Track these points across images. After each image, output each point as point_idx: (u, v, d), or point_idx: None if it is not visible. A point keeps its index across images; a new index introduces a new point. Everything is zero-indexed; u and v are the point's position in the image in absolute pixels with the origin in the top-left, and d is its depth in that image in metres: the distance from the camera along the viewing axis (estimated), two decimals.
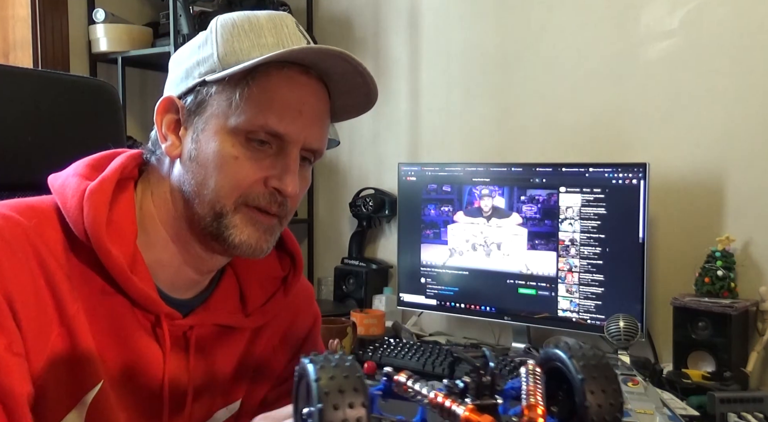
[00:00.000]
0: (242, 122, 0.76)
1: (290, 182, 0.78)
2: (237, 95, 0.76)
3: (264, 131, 0.76)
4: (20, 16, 2.30)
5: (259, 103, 0.76)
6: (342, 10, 2.46)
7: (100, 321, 0.74)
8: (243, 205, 0.77)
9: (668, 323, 1.66)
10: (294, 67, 0.78)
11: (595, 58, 1.94)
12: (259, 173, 0.77)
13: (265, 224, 0.79)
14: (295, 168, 0.78)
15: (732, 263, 1.65)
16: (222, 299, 0.86)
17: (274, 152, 0.78)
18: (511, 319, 1.87)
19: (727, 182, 1.74)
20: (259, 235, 0.78)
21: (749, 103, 1.71)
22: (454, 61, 2.20)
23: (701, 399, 1.42)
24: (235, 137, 0.76)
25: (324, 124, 0.82)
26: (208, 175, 0.77)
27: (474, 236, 1.92)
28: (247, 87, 0.76)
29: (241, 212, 0.77)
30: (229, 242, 0.77)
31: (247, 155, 0.76)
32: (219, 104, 0.77)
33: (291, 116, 0.77)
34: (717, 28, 1.75)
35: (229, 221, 0.77)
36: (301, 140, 0.78)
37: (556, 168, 1.80)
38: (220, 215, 0.77)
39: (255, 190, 0.77)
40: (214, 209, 0.77)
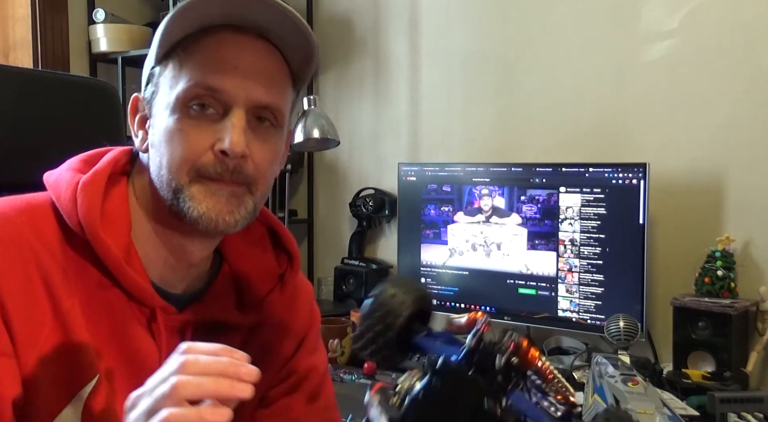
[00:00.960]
0: (179, 91, 0.75)
1: (233, 139, 0.73)
2: (175, 70, 0.76)
3: (199, 89, 0.74)
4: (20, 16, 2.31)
5: (192, 69, 0.75)
6: (342, 10, 2.46)
7: (96, 315, 0.74)
8: (197, 177, 0.75)
9: (668, 323, 1.66)
10: (226, 29, 0.76)
11: (595, 58, 1.94)
12: (206, 140, 0.75)
13: (226, 192, 0.76)
14: (239, 125, 0.75)
15: (732, 263, 1.65)
16: (218, 296, 0.85)
17: (219, 117, 0.75)
18: (511, 319, 1.87)
19: (727, 182, 1.74)
20: (221, 206, 0.75)
21: (749, 103, 1.71)
22: (454, 62, 2.20)
23: (701, 399, 1.42)
24: (177, 110, 0.75)
25: (270, 79, 0.78)
26: (161, 156, 0.76)
27: (474, 236, 1.92)
28: (180, 59, 0.76)
29: (196, 184, 0.75)
30: (189, 216, 0.75)
31: (191, 125, 0.75)
32: (163, 85, 0.77)
33: (225, 70, 0.75)
34: (717, 28, 1.75)
35: (186, 194, 0.75)
36: (241, 96, 0.75)
37: (556, 168, 1.80)
38: (177, 191, 0.75)
39: (204, 159, 0.74)
40: (171, 187, 0.75)
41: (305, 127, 1.99)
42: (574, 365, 1.68)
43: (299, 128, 2.00)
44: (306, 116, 2.00)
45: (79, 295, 0.73)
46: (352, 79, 2.45)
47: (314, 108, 2.02)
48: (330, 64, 2.50)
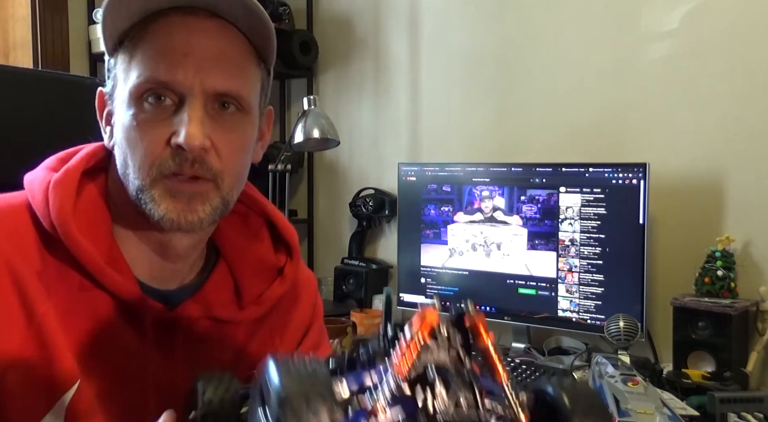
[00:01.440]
0: (131, 86, 0.71)
1: (187, 132, 0.69)
2: (125, 62, 0.72)
3: (150, 84, 0.70)
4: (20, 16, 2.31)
5: (141, 61, 0.71)
6: (342, 10, 2.46)
7: (78, 319, 0.71)
8: (159, 176, 0.71)
9: (668, 323, 1.66)
10: (174, 12, 0.72)
11: (595, 58, 1.94)
12: (162, 135, 0.71)
13: (187, 193, 0.72)
14: (194, 116, 0.70)
15: (732, 263, 1.65)
16: (214, 291, 0.82)
17: (175, 108, 0.71)
18: (511, 319, 1.87)
19: (727, 182, 1.74)
20: (182, 206, 0.72)
21: (749, 103, 1.71)
22: (454, 61, 2.20)
23: (701, 399, 1.42)
24: (132, 105, 0.71)
25: (227, 62, 0.73)
26: (124, 154, 0.73)
27: (474, 236, 1.92)
28: (129, 50, 0.72)
29: (158, 185, 0.72)
30: (152, 217, 0.72)
31: (146, 119, 0.71)
32: (119, 79, 0.74)
33: (175, 60, 0.70)
34: (717, 28, 1.75)
35: (147, 195, 0.72)
36: (195, 85, 0.71)
37: (556, 168, 1.80)
38: (140, 191, 0.72)
39: (163, 155, 0.71)
40: (135, 187, 0.73)
41: (305, 127, 1.99)
42: (574, 365, 1.68)
43: (299, 128, 2.00)
44: (306, 116, 2.00)
45: (58, 299, 0.70)
46: (352, 79, 2.45)
47: (314, 108, 2.02)
48: (330, 64, 2.50)
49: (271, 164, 2.17)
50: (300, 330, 0.93)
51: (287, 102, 2.62)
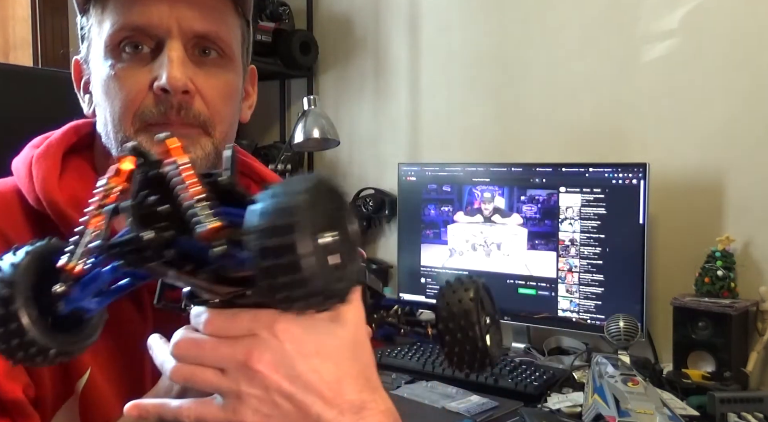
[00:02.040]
0: (106, 36, 0.69)
1: (168, 73, 0.67)
2: (98, 15, 0.71)
3: (126, 31, 0.68)
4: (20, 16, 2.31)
5: (114, 9, 0.69)
6: (342, 10, 2.46)
7: None
8: (143, 125, 0.69)
9: (668, 323, 1.66)
10: None
11: (595, 58, 1.94)
12: (143, 80, 0.68)
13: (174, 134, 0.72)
14: (175, 57, 0.68)
15: (732, 263, 1.65)
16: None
17: (153, 52, 0.69)
18: (511, 319, 1.87)
19: (727, 182, 1.74)
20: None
21: (749, 103, 1.71)
22: (454, 61, 2.20)
23: (701, 399, 1.42)
24: (108, 56, 0.69)
25: (204, 5, 0.71)
26: (105, 110, 0.71)
27: (474, 236, 1.92)
28: (100, 3, 0.70)
29: (143, 134, 0.69)
30: None
31: (125, 68, 0.69)
32: (93, 36, 0.72)
33: (147, 2, 0.68)
34: (717, 28, 1.75)
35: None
36: (172, 26, 0.68)
37: (556, 168, 1.80)
38: (123, 143, 0.68)
39: (145, 102, 0.69)
40: (117, 140, 0.70)
41: (305, 127, 1.99)
42: (574, 365, 1.68)
43: (299, 128, 2.00)
44: (306, 115, 2.00)
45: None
46: (352, 79, 2.45)
47: (314, 108, 2.02)
48: (330, 64, 2.50)
49: (271, 164, 2.16)
50: None
51: (287, 102, 2.62)
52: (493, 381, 1.58)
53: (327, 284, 0.43)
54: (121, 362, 0.73)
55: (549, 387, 1.57)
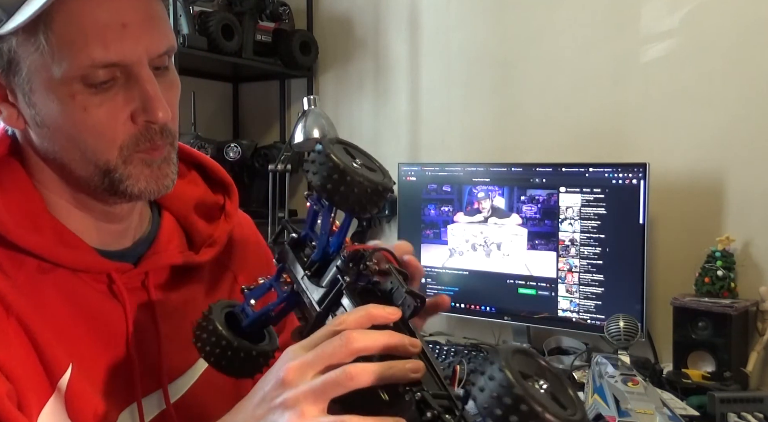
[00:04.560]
0: (66, 69, 0.65)
1: (157, 107, 0.68)
2: (42, 41, 0.65)
3: (95, 68, 0.65)
4: None
5: (72, 40, 0.64)
6: (342, 10, 2.46)
7: (49, 301, 0.70)
8: (129, 154, 0.70)
9: (668, 323, 1.66)
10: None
11: (595, 58, 1.94)
12: (121, 114, 0.68)
13: (158, 159, 0.72)
14: (154, 91, 0.68)
15: (732, 263, 1.65)
16: (167, 240, 0.82)
17: (124, 82, 0.67)
18: (511, 319, 1.87)
19: (727, 182, 1.74)
20: (158, 174, 0.72)
21: (749, 103, 1.71)
22: (454, 61, 2.20)
23: (701, 399, 1.42)
24: (71, 87, 0.66)
25: (159, 19, 0.69)
26: (70, 139, 0.69)
27: (474, 236, 1.92)
28: (48, 27, 0.64)
29: (130, 161, 0.70)
30: (128, 193, 0.71)
31: (95, 102, 0.67)
32: (30, 57, 0.66)
33: (115, 36, 0.65)
34: (717, 28, 1.75)
35: (121, 174, 0.70)
36: (142, 55, 0.67)
37: (556, 168, 1.80)
38: (108, 172, 0.70)
39: (130, 133, 0.69)
40: (98, 167, 0.70)
41: (305, 127, 1.99)
42: (574, 365, 1.68)
43: (299, 128, 2.00)
44: (306, 116, 2.00)
45: (24, 287, 0.69)
46: (352, 79, 2.45)
47: (314, 108, 2.02)
48: (330, 64, 2.50)
49: (271, 164, 2.17)
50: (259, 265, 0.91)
51: (287, 102, 2.62)
52: None
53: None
54: (103, 354, 0.74)
55: None
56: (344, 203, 0.60)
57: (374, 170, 0.63)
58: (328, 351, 0.54)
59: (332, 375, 0.53)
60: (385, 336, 0.55)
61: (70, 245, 0.73)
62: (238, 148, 2.26)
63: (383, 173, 0.64)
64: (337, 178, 0.59)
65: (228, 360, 0.66)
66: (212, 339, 0.66)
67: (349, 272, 0.60)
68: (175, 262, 0.81)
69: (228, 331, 0.66)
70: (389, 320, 0.57)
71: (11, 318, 0.67)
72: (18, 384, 0.66)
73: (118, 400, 0.74)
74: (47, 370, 0.69)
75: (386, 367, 0.53)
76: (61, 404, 0.69)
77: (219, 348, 0.66)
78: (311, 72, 2.50)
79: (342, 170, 0.59)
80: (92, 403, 0.71)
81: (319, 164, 0.60)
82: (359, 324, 0.56)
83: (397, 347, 0.55)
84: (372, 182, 0.60)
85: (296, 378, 0.54)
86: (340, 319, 0.56)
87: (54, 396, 0.69)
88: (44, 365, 0.68)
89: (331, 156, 0.59)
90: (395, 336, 0.55)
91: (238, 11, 2.23)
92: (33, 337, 0.68)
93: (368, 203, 0.61)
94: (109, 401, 0.73)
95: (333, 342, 0.55)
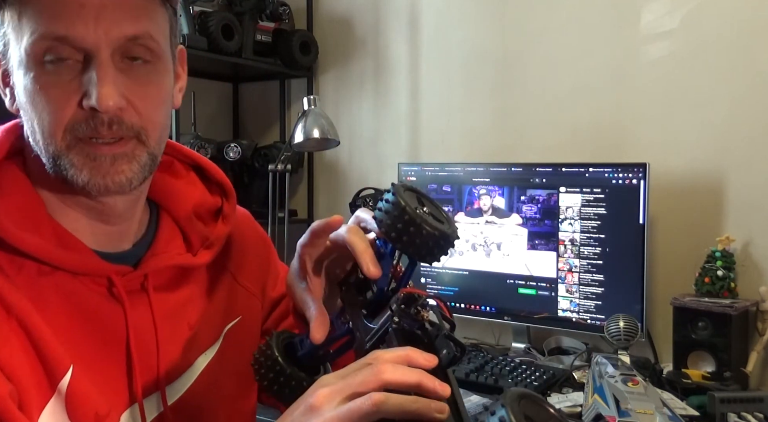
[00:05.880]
0: (26, 45, 0.65)
1: (99, 94, 0.64)
2: (14, 20, 0.66)
3: (48, 41, 0.64)
4: None
5: (33, 16, 0.64)
6: (342, 10, 2.46)
7: (49, 302, 0.70)
8: (74, 140, 0.67)
9: (668, 323, 1.66)
10: None
11: (595, 58, 1.94)
12: (71, 96, 0.66)
13: (109, 155, 0.68)
14: (103, 76, 0.65)
15: (732, 263, 1.65)
16: (166, 241, 0.81)
17: (82, 67, 0.66)
18: (511, 319, 1.87)
19: (727, 182, 1.74)
20: (107, 168, 0.68)
21: (749, 103, 1.71)
22: (454, 61, 2.20)
23: (701, 399, 1.42)
24: (30, 66, 0.65)
25: (130, 4, 0.67)
26: (31, 120, 0.68)
27: (474, 236, 1.92)
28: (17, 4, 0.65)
29: (74, 149, 0.67)
30: (75, 183, 0.68)
31: (50, 82, 0.65)
32: (10, 37, 0.67)
33: (71, 11, 0.64)
34: (717, 28, 1.75)
35: (65, 161, 0.68)
36: (101, 37, 0.65)
37: (556, 168, 1.80)
38: (56, 158, 0.68)
39: (76, 117, 0.66)
40: (49, 153, 0.68)
41: (305, 127, 1.99)
42: (574, 365, 1.68)
43: (299, 128, 2.00)
44: (306, 115, 2.00)
45: (24, 289, 0.69)
46: (352, 79, 2.45)
47: (314, 108, 2.02)
48: (330, 64, 2.50)
49: (271, 164, 2.16)
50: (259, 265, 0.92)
51: (287, 102, 2.62)
52: (494, 381, 1.58)
53: None
54: (103, 356, 0.74)
55: (549, 387, 1.58)
56: (415, 253, 0.64)
57: (440, 219, 0.66)
58: (357, 379, 0.56)
59: (357, 403, 0.54)
60: (416, 373, 0.56)
61: (70, 247, 0.72)
62: (238, 148, 2.25)
63: (448, 221, 0.67)
64: (413, 231, 0.62)
65: (279, 386, 0.69)
66: (268, 364, 0.70)
67: (400, 315, 0.63)
68: (173, 264, 0.81)
69: (284, 358, 0.70)
70: (425, 366, 0.57)
71: (12, 318, 0.67)
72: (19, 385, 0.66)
73: (118, 401, 0.74)
74: (48, 371, 0.69)
75: (412, 401, 0.54)
76: (61, 405, 0.69)
77: (273, 373, 0.70)
78: (311, 72, 2.50)
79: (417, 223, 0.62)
80: (93, 405, 0.71)
81: (386, 211, 0.64)
82: (394, 361, 0.57)
83: (427, 387, 0.55)
84: (443, 233, 0.63)
85: (324, 403, 0.56)
86: (376, 354, 0.58)
87: (54, 398, 0.69)
88: (45, 366, 0.68)
89: (407, 208, 0.62)
90: (426, 375, 0.56)
91: (238, 11, 2.23)
92: (33, 338, 0.68)
93: (438, 253, 0.64)
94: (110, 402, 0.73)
95: (363, 371, 0.56)
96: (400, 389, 0.55)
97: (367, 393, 0.55)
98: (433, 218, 0.64)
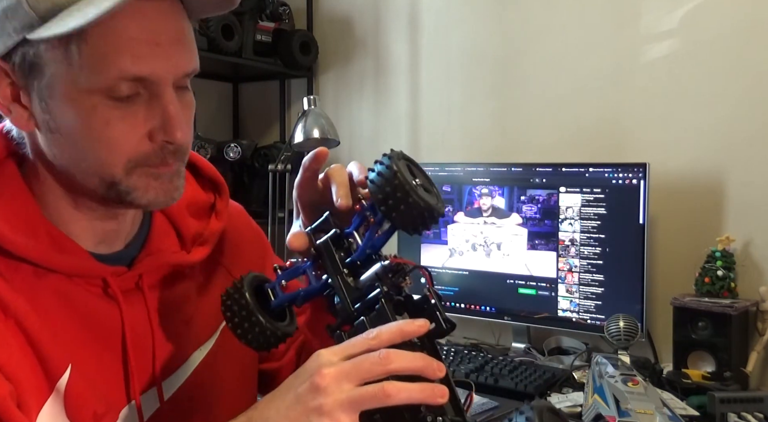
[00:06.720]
0: (95, 79, 0.65)
1: (177, 128, 0.68)
2: (74, 50, 0.65)
3: (123, 80, 0.65)
4: None
5: (104, 53, 0.65)
6: (342, 10, 2.46)
7: (45, 303, 0.71)
8: (135, 167, 0.70)
9: (668, 323, 1.66)
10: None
11: (595, 58, 1.94)
12: (140, 130, 0.68)
13: (167, 174, 0.72)
14: (176, 111, 0.68)
15: (732, 263, 1.65)
16: (159, 240, 0.81)
17: (146, 99, 0.68)
18: (511, 319, 1.87)
19: (727, 182, 1.74)
20: (166, 186, 0.72)
21: (749, 103, 1.71)
22: (454, 61, 2.20)
23: (701, 399, 1.42)
24: (94, 98, 0.66)
25: (188, 41, 0.70)
26: (81, 148, 0.69)
27: (474, 236, 1.92)
28: (82, 39, 0.64)
29: (136, 174, 0.70)
30: (136, 204, 0.72)
31: (117, 116, 0.67)
32: (57, 65, 0.66)
33: (147, 51, 0.66)
34: (717, 28, 1.75)
35: (125, 186, 0.70)
36: (170, 74, 0.68)
37: (556, 168, 1.80)
38: (112, 184, 0.70)
39: (142, 150, 0.69)
40: (104, 180, 0.70)
41: (305, 127, 1.99)
42: (574, 365, 1.68)
43: (299, 128, 2.00)
44: (306, 116, 2.00)
45: (21, 290, 0.69)
46: (352, 79, 2.45)
47: (314, 108, 2.02)
48: (330, 64, 2.50)
49: (271, 164, 2.17)
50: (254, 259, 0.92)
51: (287, 102, 2.62)
52: (494, 381, 1.58)
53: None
54: (100, 355, 0.74)
55: (549, 387, 1.58)
56: (398, 220, 0.65)
57: (430, 192, 0.67)
58: (365, 366, 0.59)
59: (370, 390, 0.58)
60: (418, 359, 0.60)
61: (65, 250, 0.73)
62: (238, 148, 2.25)
63: (437, 197, 0.67)
64: (400, 196, 0.63)
65: (254, 335, 0.70)
66: (242, 313, 0.70)
67: (386, 282, 0.65)
68: (167, 260, 0.81)
69: (258, 307, 0.70)
70: (420, 333, 0.62)
71: (9, 319, 0.68)
72: (17, 385, 0.66)
73: (116, 399, 0.75)
74: (46, 371, 0.69)
75: (419, 390, 0.58)
76: (59, 405, 0.70)
77: (248, 323, 0.69)
78: (311, 72, 2.51)
79: (406, 190, 0.63)
80: (91, 403, 0.72)
81: (378, 172, 0.65)
82: (392, 340, 0.60)
83: (427, 370, 0.60)
84: (428, 205, 0.64)
85: (332, 385, 0.59)
86: (374, 333, 0.61)
87: (53, 397, 0.69)
88: (43, 366, 0.69)
89: (398, 174, 0.63)
90: (426, 359, 0.60)
91: (238, 11, 2.23)
92: (31, 339, 0.68)
93: (420, 224, 0.65)
94: (107, 401, 0.74)
95: (371, 359, 0.59)
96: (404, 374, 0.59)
97: (374, 379, 0.58)
98: (424, 190, 0.65)
